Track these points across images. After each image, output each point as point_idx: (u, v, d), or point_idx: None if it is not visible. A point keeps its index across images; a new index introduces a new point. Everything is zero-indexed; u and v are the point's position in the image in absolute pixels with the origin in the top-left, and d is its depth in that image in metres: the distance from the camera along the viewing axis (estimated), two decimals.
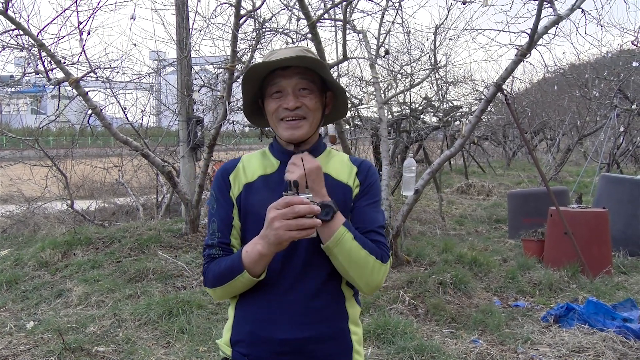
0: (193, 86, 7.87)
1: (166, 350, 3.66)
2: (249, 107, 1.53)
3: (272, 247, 1.27)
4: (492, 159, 22.63)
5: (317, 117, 1.45)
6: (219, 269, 1.39)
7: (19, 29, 5.27)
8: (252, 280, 1.35)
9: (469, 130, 5.42)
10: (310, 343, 1.38)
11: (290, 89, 1.41)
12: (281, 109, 1.42)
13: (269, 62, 1.38)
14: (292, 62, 1.39)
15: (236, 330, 1.45)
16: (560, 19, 4.98)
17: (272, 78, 1.42)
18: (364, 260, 1.35)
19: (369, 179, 1.48)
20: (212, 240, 1.45)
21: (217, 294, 1.43)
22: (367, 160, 1.54)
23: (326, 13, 4.90)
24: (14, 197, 9.65)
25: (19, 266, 5.60)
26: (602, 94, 12.36)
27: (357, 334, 1.46)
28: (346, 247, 1.33)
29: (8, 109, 13.88)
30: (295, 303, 1.38)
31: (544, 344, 3.78)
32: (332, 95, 1.51)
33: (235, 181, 1.47)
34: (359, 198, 1.45)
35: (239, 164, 1.51)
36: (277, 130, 1.46)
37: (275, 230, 1.23)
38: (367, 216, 1.43)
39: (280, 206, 1.23)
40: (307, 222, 1.21)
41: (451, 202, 10.99)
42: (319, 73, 1.44)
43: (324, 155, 1.51)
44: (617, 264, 5.79)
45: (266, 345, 1.38)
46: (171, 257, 5.44)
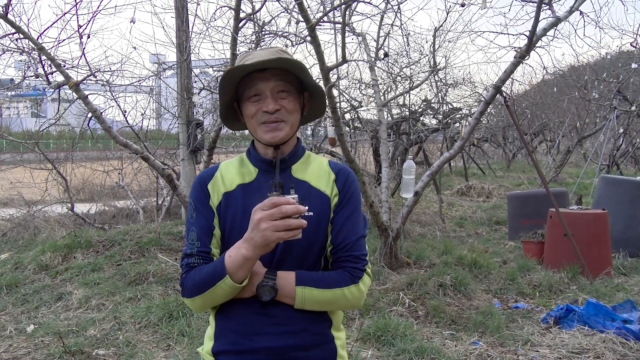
0: (193, 89, 7.88)
1: (166, 353, 3.66)
2: (225, 111, 1.50)
3: (257, 249, 1.25)
4: (492, 160, 22.65)
5: (297, 118, 1.44)
6: (200, 276, 1.35)
7: (19, 33, 5.27)
8: (234, 287, 1.31)
9: (469, 132, 5.43)
10: (294, 351, 1.37)
11: (269, 91, 1.38)
12: (260, 113, 1.39)
13: (247, 65, 1.35)
14: (271, 64, 1.36)
15: (218, 340, 1.42)
16: (559, 21, 4.99)
17: (248, 81, 1.40)
18: (334, 297, 1.36)
19: (348, 187, 1.44)
20: (191, 249, 1.40)
21: (196, 304, 1.38)
22: (346, 166, 1.51)
23: (325, 16, 4.91)
24: (14, 201, 9.64)
25: (19, 269, 5.60)
26: (601, 96, 12.38)
27: (340, 339, 1.46)
28: (313, 300, 1.35)
29: (8, 112, 13.90)
30: (277, 312, 1.36)
31: (544, 345, 3.79)
32: (309, 95, 1.49)
33: (214, 190, 1.44)
34: (338, 209, 1.42)
35: (217, 172, 1.48)
36: (256, 133, 1.43)
37: (262, 231, 1.21)
38: (346, 229, 1.40)
39: (266, 207, 1.21)
40: (295, 223, 1.20)
41: (451, 204, 11.00)
42: (295, 74, 1.42)
43: (303, 160, 1.49)
44: (616, 265, 5.80)
45: (250, 355, 1.37)
46: (171, 260, 5.45)
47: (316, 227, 1.38)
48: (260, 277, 1.34)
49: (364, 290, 1.39)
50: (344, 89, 8.19)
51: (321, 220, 1.39)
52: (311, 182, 1.44)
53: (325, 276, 1.38)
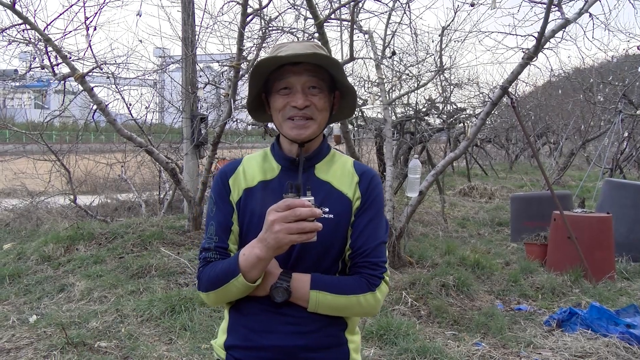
0: (198, 83, 7.87)
1: (168, 347, 3.66)
2: (252, 101, 1.46)
3: (270, 250, 1.23)
4: (495, 161, 22.60)
5: (325, 117, 1.40)
6: (214, 272, 1.34)
7: (25, 24, 5.28)
8: (247, 286, 1.30)
9: (474, 133, 5.42)
10: (305, 351, 1.35)
11: (300, 86, 1.34)
12: (289, 107, 1.35)
13: (280, 57, 1.31)
14: (305, 59, 1.32)
15: (231, 334, 1.42)
16: (568, 23, 4.97)
17: (280, 73, 1.35)
18: (348, 304, 1.33)
19: (371, 190, 1.40)
20: (209, 243, 1.40)
21: (210, 298, 1.38)
22: (371, 169, 1.47)
23: (333, 13, 4.89)
24: (17, 191, 9.66)
25: (22, 260, 5.60)
26: (606, 99, 12.35)
27: (354, 342, 1.43)
28: (326, 304, 1.32)
29: (12, 103, 13.90)
30: (290, 311, 1.34)
31: (547, 348, 3.78)
32: (340, 95, 1.45)
33: (235, 185, 1.42)
34: (360, 213, 1.38)
35: (239, 167, 1.46)
36: (281, 128, 1.39)
37: (275, 233, 1.19)
38: (366, 234, 1.37)
39: (281, 209, 1.19)
40: (309, 226, 1.18)
41: (453, 204, 10.98)
42: (330, 71, 1.38)
43: (327, 159, 1.45)
44: (620, 269, 5.78)
45: (259, 351, 1.36)
46: (174, 254, 5.44)
47: (335, 229, 1.36)
48: (274, 278, 1.32)
49: (380, 299, 1.36)
50: None
51: (341, 223, 1.36)
52: (333, 183, 1.40)
53: (341, 281, 1.35)
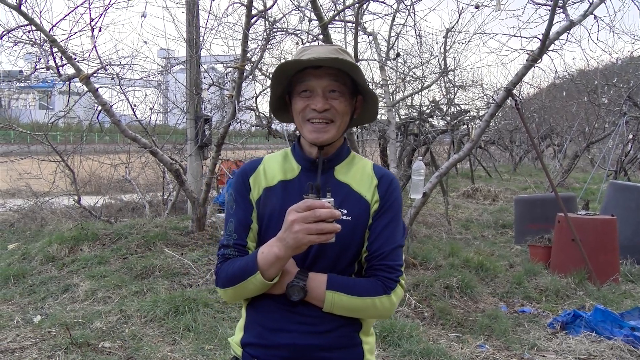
0: (202, 85, 7.89)
1: (172, 348, 3.67)
2: (275, 102, 1.49)
3: (289, 250, 1.25)
4: (499, 163, 22.55)
5: (345, 121, 1.41)
6: (232, 269, 1.36)
7: (31, 25, 5.30)
8: (264, 284, 1.32)
9: (478, 135, 5.41)
10: (319, 351, 1.36)
11: (320, 89, 1.36)
12: (309, 110, 1.38)
13: (301, 60, 1.34)
14: (326, 63, 1.34)
15: (247, 332, 1.44)
16: (573, 25, 4.96)
17: (302, 76, 1.38)
18: (363, 306, 1.34)
19: (390, 194, 1.42)
20: (228, 240, 1.42)
21: (228, 294, 1.40)
22: (390, 172, 1.49)
23: (338, 15, 4.90)
24: (22, 192, 9.70)
25: (26, 260, 5.62)
26: (611, 101, 12.31)
27: (369, 344, 1.44)
28: (342, 305, 1.34)
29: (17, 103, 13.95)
30: (306, 311, 1.36)
31: (551, 350, 3.77)
32: (362, 99, 1.47)
33: (255, 184, 1.44)
34: (378, 216, 1.40)
35: (260, 166, 1.47)
36: (302, 130, 1.41)
37: (295, 233, 1.20)
38: (383, 237, 1.38)
39: (301, 209, 1.21)
40: (328, 227, 1.19)
41: (457, 206, 10.96)
42: (351, 76, 1.39)
43: (347, 161, 1.47)
44: (624, 272, 5.76)
45: (274, 349, 1.37)
46: (177, 255, 5.45)
47: (353, 231, 1.37)
48: (291, 277, 1.34)
49: (395, 302, 1.36)
50: None
51: (358, 225, 1.38)
52: (352, 185, 1.42)
53: (357, 283, 1.36)
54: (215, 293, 4.65)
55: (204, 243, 5.96)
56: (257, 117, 8.67)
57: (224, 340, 3.72)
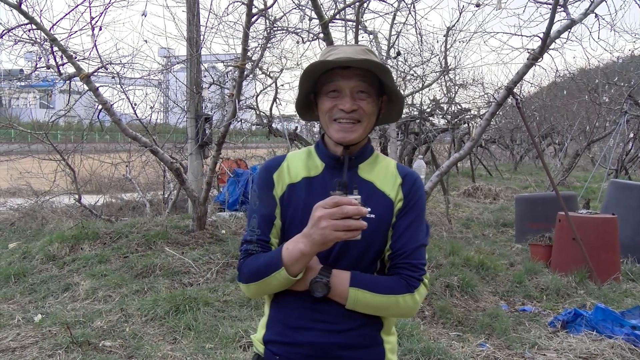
0: (202, 84, 7.89)
1: (173, 347, 3.67)
2: (301, 101, 1.49)
3: (315, 246, 1.25)
4: (499, 162, 22.55)
5: (372, 121, 1.42)
6: (257, 264, 1.37)
7: (31, 24, 5.30)
8: (289, 280, 1.32)
9: (479, 134, 5.40)
10: (340, 349, 1.37)
11: (348, 90, 1.37)
12: (336, 110, 1.38)
13: (331, 60, 1.34)
14: (357, 64, 1.35)
15: (269, 329, 1.45)
16: (574, 24, 4.95)
17: (330, 76, 1.38)
18: (387, 304, 1.35)
19: (414, 193, 1.42)
20: (251, 236, 1.42)
21: (250, 290, 1.40)
22: (414, 171, 1.49)
23: (339, 13, 4.89)
24: (23, 191, 9.70)
25: (27, 259, 5.62)
26: (612, 100, 12.30)
27: (390, 343, 1.45)
28: (365, 303, 1.34)
29: (17, 102, 13.97)
30: (328, 309, 1.36)
31: (551, 349, 3.76)
32: (387, 99, 1.47)
33: (279, 180, 1.44)
34: (402, 214, 1.40)
35: (284, 162, 1.48)
36: (328, 129, 1.42)
37: (322, 229, 1.21)
38: (407, 236, 1.39)
39: (328, 205, 1.21)
40: (355, 224, 1.20)
41: (458, 205, 10.95)
42: (379, 77, 1.40)
43: (371, 160, 1.47)
44: (625, 270, 5.75)
45: (295, 347, 1.38)
46: (178, 254, 5.45)
47: (376, 229, 1.37)
48: (314, 273, 1.34)
49: (418, 300, 1.37)
50: None
51: (382, 224, 1.38)
52: (376, 183, 1.42)
53: (381, 281, 1.37)
54: (216, 292, 4.65)
55: (205, 242, 5.96)
56: (258, 116, 8.67)
57: (224, 339, 3.72)
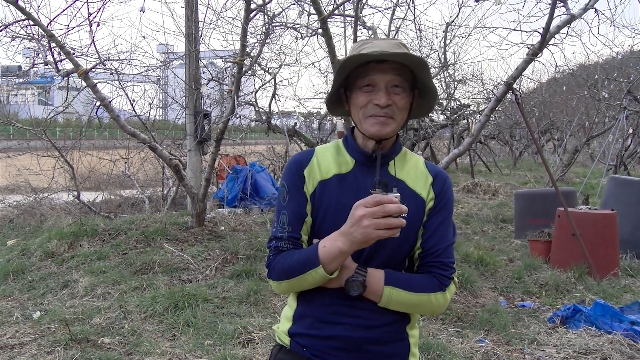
0: (201, 80, 7.86)
1: (172, 343, 3.66)
2: (331, 96, 1.47)
3: (355, 244, 1.26)
4: (499, 158, 22.54)
5: (404, 116, 1.41)
6: (290, 262, 1.36)
7: (29, 20, 5.26)
8: (324, 277, 1.32)
9: (478, 130, 5.39)
10: (370, 343, 1.38)
11: (384, 84, 1.35)
12: (371, 105, 1.36)
13: (369, 54, 1.32)
14: (395, 58, 1.33)
15: (297, 322, 1.45)
16: (573, 19, 4.93)
17: (364, 70, 1.36)
18: (419, 301, 1.36)
19: (445, 192, 1.43)
20: (281, 233, 1.41)
21: (282, 287, 1.40)
22: (443, 170, 1.50)
23: (337, 9, 4.87)
24: (21, 187, 9.69)
25: (25, 256, 5.62)
26: (611, 95, 12.29)
27: (414, 337, 1.47)
28: (399, 301, 1.36)
29: (16, 99, 13.95)
30: (360, 305, 1.37)
31: (551, 345, 3.76)
32: (418, 93, 1.45)
33: (310, 177, 1.43)
34: (433, 213, 1.41)
35: (313, 157, 1.46)
36: (361, 124, 1.40)
37: (364, 228, 1.21)
38: (438, 234, 1.40)
39: (369, 204, 1.21)
40: (396, 222, 1.21)
41: (457, 201, 10.95)
42: (413, 71, 1.38)
43: (400, 157, 1.46)
44: (624, 266, 5.76)
45: (326, 340, 1.39)
46: (177, 250, 5.45)
47: (408, 228, 1.36)
48: (350, 272, 1.34)
49: (448, 298, 1.39)
50: None
51: (414, 222, 1.38)
52: (407, 182, 1.42)
53: (414, 279, 1.38)
54: (215, 288, 4.65)
55: (204, 238, 5.95)
56: (257, 112, 8.65)
57: (223, 335, 3.72)
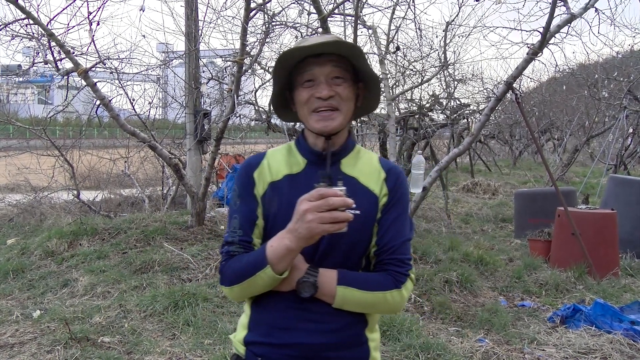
0: (201, 79, 7.86)
1: (172, 342, 3.66)
2: (276, 99, 1.45)
3: (301, 241, 1.23)
4: (498, 157, 22.53)
5: (351, 108, 1.39)
6: (239, 265, 1.33)
7: (29, 18, 5.25)
8: (274, 279, 1.29)
9: (478, 129, 5.39)
10: (327, 350, 1.35)
11: (324, 77, 1.34)
12: (313, 99, 1.34)
13: (303, 47, 1.31)
14: (329, 48, 1.32)
15: (253, 330, 1.41)
16: (574, 18, 4.93)
17: (303, 66, 1.35)
18: (375, 300, 1.33)
19: (398, 187, 1.40)
20: (232, 237, 1.38)
21: (234, 292, 1.37)
22: (397, 165, 1.47)
23: (337, 8, 4.87)
24: (21, 187, 9.69)
25: (25, 255, 5.61)
26: (611, 95, 12.28)
27: (374, 340, 1.44)
28: (353, 301, 1.32)
29: (16, 98, 13.95)
30: (315, 308, 1.34)
31: (550, 344, 3.76)
32: (364, 85, 1.44)
33: (260, 179, 1.40)
34: (387, 209, 1.38)
35: (264, 160, 1.44)
36: (307, 122, 1.38)
37: (308, 223, 1.18)
38: (392, 231, 1.37)
39: (313, 198, 1.19)
40: (341, 215, 1.18)
41: (457, 200, 10.95)
42: (352, 62, 1.37)
43: (353, 154, 1.44)
44: (624, 266, 5.76)
45: (282, 348, 1.35)
46: (177, 250, 5.44)
47: (362, 226, 1.35)
48: (301, 273, 1.31)
49: (405, 296, 1.36)
50: None
51: (368, 220, 1.36)
52: (360, 179, 1.40)
53: (368, 277, 1.35)
54: (214, 287, 4.64)
55: (204, 238, 5.94)
56: (257, 111, 8.65)
57: (223, 335, 3.72)
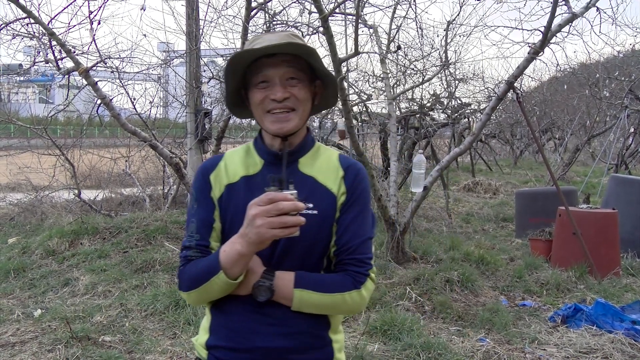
0: (202, 78, 7.85)
1: (172, 342, 3.67)
2: (231, 97, 1.42)
3: (252, 246, 1.20)
4: (499, 157, 22.51)
5: (307, 108, 1.36)
6: (195, 270, 1.30)
7: (30, 17, 5.25)
8: (229, 283, 1.26)
9: (479, 128, 5.39)
10: (290, 353, 1.33)
11: (278, 78, 1.30)
12: (268, 101, 1.31)
13: (254, 49, 1.28)
14: (281, 49, 1.28)
15: (214, 334, 1.38)
16: (575, 17, 4.92)
17: (257, 66, 1.32)
18: (333, 302, 1.31)
19: (357, 185, 1.36)
20: (189, 242, 1.36)
21: (192, 298, 1.33)
22: (357, 162, 1.44)
23: (338, 7, 4.86)
24: (22, 186, 9.69)
25: (26, 254, 5.62)
26: (612, 94, 12.25)
27: (338, 342, 1.42)
28: (311, 303, 1.30)
29: (17, 97, 13.95)
30: (274, 311, 1.32)
31: (551, 344, 3.76)
32: (321, 84, 1.40)
33: (216, 181, 1.38)
34: (345, 208, 1.35)
35: (221, 162, 1.41)
36: (263, 123, 1.35)
37: (257, 228, 1.16)
38: (351, 230, 1.34)
39: (262, 202, 1.16)
40: (291, 220, 1.15)
41: (458, 200, 10.95)
42: (307, 60, 1.34)
43: (312, 152, 1.41)
44: (625, 265, 5.75)
45: (244, 353, 1.33)
46: (178, 249, 5.45)
47: (320, 226, 1.32)
48: (257, 277, 1.29)
49: (365, 296, 1.33)
50: (352, 82, 8.14)
51: (326, 219, 1.33)
52: (317, 177, 1.36)
53: (326, 279, 1.32)
54: None
55: None
56: None
57: None
